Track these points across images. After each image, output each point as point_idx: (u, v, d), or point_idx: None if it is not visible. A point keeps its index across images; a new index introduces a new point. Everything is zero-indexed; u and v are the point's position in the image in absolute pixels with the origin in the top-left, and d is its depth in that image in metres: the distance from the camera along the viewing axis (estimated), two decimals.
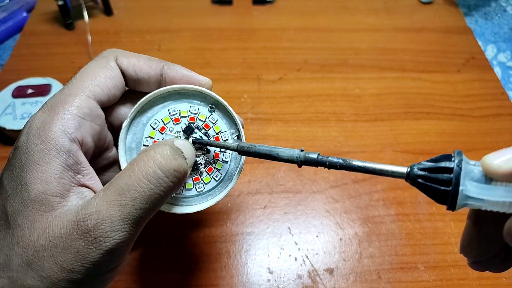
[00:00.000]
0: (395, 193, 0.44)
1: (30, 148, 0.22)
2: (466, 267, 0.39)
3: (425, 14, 0.67)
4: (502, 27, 0.68)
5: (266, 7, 0.67)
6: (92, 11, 0.64)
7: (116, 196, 0.21)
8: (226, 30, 0.62)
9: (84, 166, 0.23)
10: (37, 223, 0.21)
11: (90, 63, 0.26)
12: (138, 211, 0.21)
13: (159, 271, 0.38)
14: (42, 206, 0.21)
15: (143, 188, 0.21)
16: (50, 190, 0.21)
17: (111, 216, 0.21)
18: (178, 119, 0.28)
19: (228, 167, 0.28)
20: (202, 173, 0.28)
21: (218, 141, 0.28)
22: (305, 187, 0.44)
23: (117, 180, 0.22)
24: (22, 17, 0.63)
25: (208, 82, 0.28)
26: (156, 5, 0.66)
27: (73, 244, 0.20)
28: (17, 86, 0.49)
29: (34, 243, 0.21)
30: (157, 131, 0.28)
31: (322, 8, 0.68)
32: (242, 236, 0.40)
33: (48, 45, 0.59)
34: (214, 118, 0.28)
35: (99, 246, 0.20)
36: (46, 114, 0.23)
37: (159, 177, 0.22)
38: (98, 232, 0.20)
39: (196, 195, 0.28)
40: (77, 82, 0.24)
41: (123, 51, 0.27)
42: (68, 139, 0.22)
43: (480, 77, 0.57)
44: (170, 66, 0.27)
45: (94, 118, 0.24)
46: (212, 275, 0.38)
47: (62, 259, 0.20)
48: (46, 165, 0.21)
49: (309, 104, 0.53)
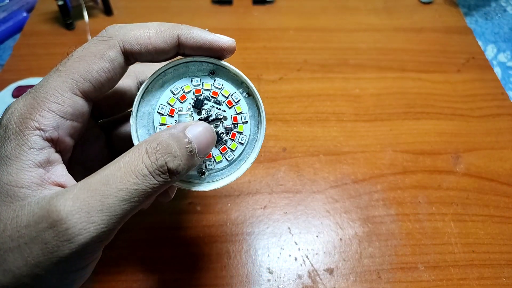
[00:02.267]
0: (395, 193, 0.44)
1: (5, 142, 0.21)
2: (466, 267, 0.39)
3: (425, 14, 0.67)
4: (502, 27, 0.68)
5: (266, 7, 0.67)
6: (92, 11, 0.64)
7: (100, 185, 0.19)
8: (226, 30, 0.62)
9: (53, 164, 0.22)
10: (3, 214, 0.19)
11: (87, 48, 0.23)
12: (121, 205, 0.19)
13: (159, 271, 0.38)
14: (7, 197, 0.20)
15: (129, 182, 0.19)
16: (14, 181, 0.20)
17: (89, 205, 0.18)
18: (184, 96, 0.26)
19: (249, 127, 0.27)
20: (227, 141, 0.27)
21: (230, 105, 0.27)
22: (305, 187, 0.44)
23: (104, 170, 0.20)
24: (22, 17, 0.63)
25: (232, 44, 0.25)
26: (156, 5, 0.66)
27: (40, 234, 0.18)
28: (17, 86, 0.49)
29: (0, 234, 0.19)
30: (167, 115, 0.26)
31: (322, 8, 0.68)
32: (242, 236, 0.40)
33: (48, 45, 0.59)
34: (219, 83, 0.26)
35: (71, 239, 0.18)
36: (26, 108, 0.21)
37: (146, 175, 0.20)
38: (72, 222, 0.18)
39: (228, 165, 0.27)
40: (66, 73, 0.22)
41: (126, 28, 0.24)
42: (41, 138, 0.21)
43: (480, 77, 0.57)
44: (187, 33, 0.24)
45: (76, 117, 0.23)
46: (212, 275, 0.38)
47: (28, 251, 0.18)
48: (15, 159, 0.20)
49: (309, 104, 0.53)
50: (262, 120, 0.27)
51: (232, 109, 0.27)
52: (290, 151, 0.47)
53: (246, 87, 0.27)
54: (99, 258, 0.22)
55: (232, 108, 0.27)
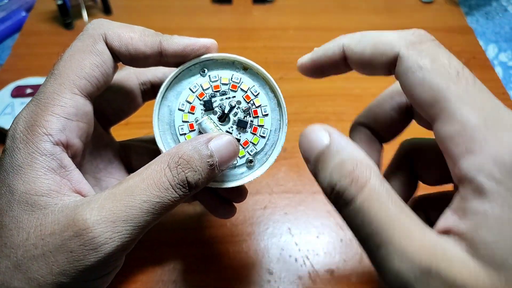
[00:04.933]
0: None
1: (14, 152, 0.21)
2: None
3: (426, 14, 0.67)
4: (503, 27, 0.68)
5: (266, 6, 0.67)
6: (91, 11, 0.63)
7: (124, 196, 0.20)
8: (226, 30, 0.62)
9: (68, 170, 0.22)
10: (25, 222, 0.20)
11: (74, 45, 0.23)
12: (145, 216, 0.20)
13: (159, 272, 0.38)
14: (28, 206, 0.20)
15: (153, 194, 0.20)
16: (33, 189, 0.20)
17: (114, 215, 0.19)
18: (202, 93, 0.26)
19: (270, 119, 0.27)
20: (253, 122, 0.26)
21: (249, 99, 0.26)
22: (306, 188, 0.44)
23: (128, 181, 0.20)
24: (21, 17, 0.63)
25: (214, 43, 0.25)
26: (155, 4, 0.66)
27: (66, 243, 0.19)
28: (16, 85, 0.49)
29: (23, 242, 0.19)
30: (188, 112, 0.26)
31: (323, 7, 0.67)
32: (242, 237, 0.40)
33: (47, 45, 0.59)
34: (237, 77, 0.26)
35: (97, 248, 0.19)
36: (30, 116, 0.21)
37: (167, 188, 0.21)
38: (98, 231, 0.18)
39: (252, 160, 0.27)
40: (61, 75, 0.22)
41: (111, 24, 0.24)
42: (50, 142, 0.21)
43: (481, 77, 0.56)
44: (168, 40, 0.24)
45: (80, 117, 0.23)
46: (212, 276, 0.38)
47: (53, 259, 0.19)
48: (28, 167, 0.20)
49: (309, 103, 0.52)
50: (283, 111, 0.27)
51: (240, 91, 0.26)
52: (291, 151, 0.47)
53: (262, 79, 0.27)
54: (121, 265, 0.22)
55: (239, 90, 0.26)
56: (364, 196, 0.17)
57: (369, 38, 0.21)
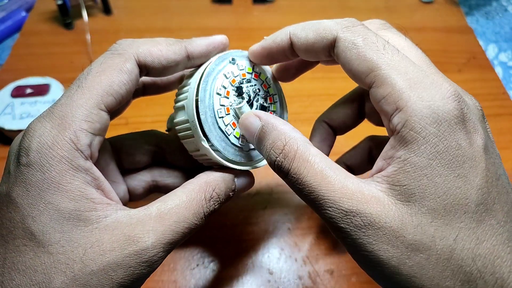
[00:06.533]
0: None
1: (46, 168, 0.20)
2: None
3: (426, 14, 0.67)
4: (503, 27, 0.68)
5: (266, 6, 0.67)
6: (91, 11, 0.63)
7: (172, 222, 0.22)
8: (226, 30, 0.62)
9: (101, 180, 0.23)
10: (80, 238, 0.20)
11: (104, 62, 0.23)
12: (182, 239, 0.23)
13: (159, 272, 0.38)
14: (80, 222, 0.21)
15: (193, 223, 0.23)
16: (82, 206, 0.21)
17: (165, 238, 0.22)
18: (234, 80, 0.28)
19: (278, 106, 0.30)
20: (267, 107, 0.29)
21: (266, 87, 0.29)
22: None
23: (173, 201, 0.23)
24: (21, 17, 0.63)
25: (227, 38, 0.29)
26: (155, 4, 0.66)
27: (126, 259, 0.21)
28: (16, 85, 0.49)
29: (80, 258, 0.20)
30: (224, 97, 0.27)
31: (323, 8, 0.67)
32: (242, 237, 0.40)
33: (47, 45, 0.59)
34: (257, 68, 0.29)
35: (152, 264, 0.21)
36: (57, 130, 0.21)
37: (202, 218, 0.24)
38: (154, 251, 0.21)
39: None
40: (90, 90, 0.22)
41: (137, 42, 0.25)
42: (82, 158, 0.21)
43: (481, 77, 0.57)
44: (191, 43, 0.26)
45: (103, 132, 0.23)
46: (212, 276, 0.38)
47: (112, 274, 0.20)
48: (69, 185, 0.21)
49: (309, 103, 0.52)
50: (284, 104, 0.31)
51: (259, 80, 0.29)
52: None
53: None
54: None
55: (259, 79, 0.29)
56: (295, 165, 0.21)
57: (311, 25, 0.24)
